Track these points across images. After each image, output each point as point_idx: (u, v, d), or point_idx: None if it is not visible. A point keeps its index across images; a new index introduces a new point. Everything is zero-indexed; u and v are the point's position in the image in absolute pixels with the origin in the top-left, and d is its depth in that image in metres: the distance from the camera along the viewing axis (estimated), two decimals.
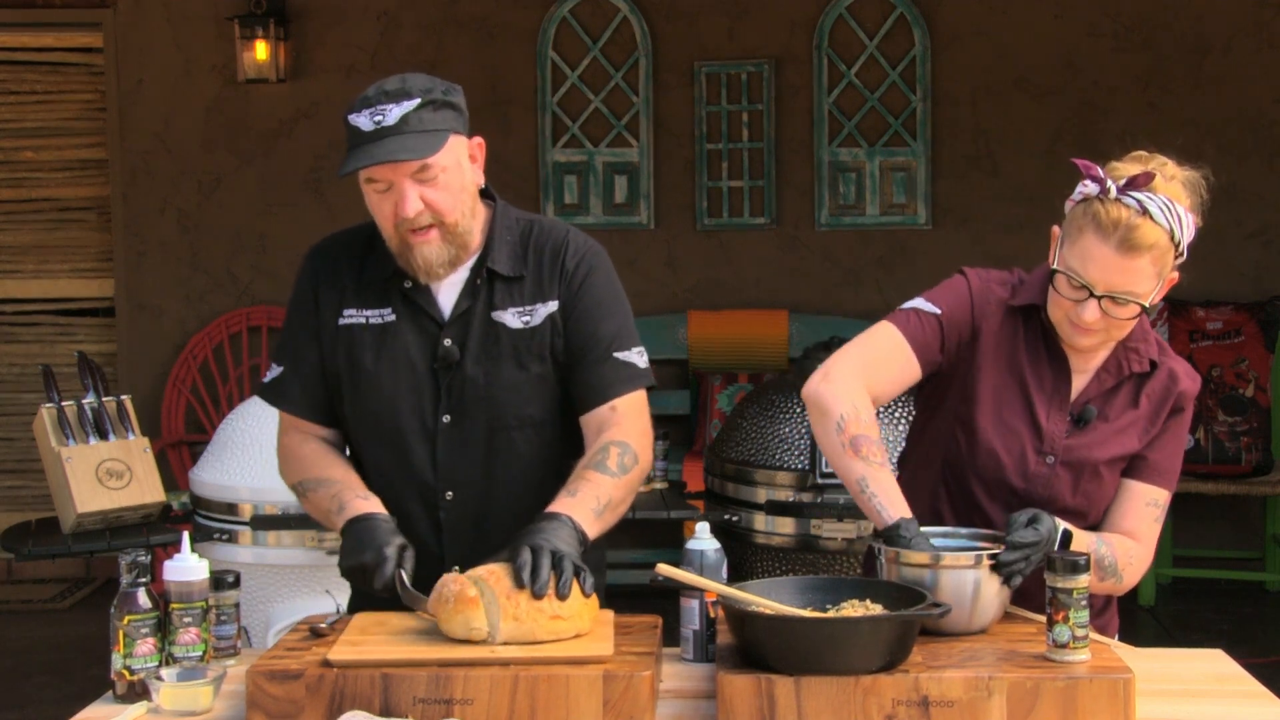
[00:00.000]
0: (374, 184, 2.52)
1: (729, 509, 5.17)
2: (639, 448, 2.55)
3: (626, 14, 6.99)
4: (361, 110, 2.48)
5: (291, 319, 2.69)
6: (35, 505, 7.02)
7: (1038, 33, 6.90)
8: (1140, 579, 2.57)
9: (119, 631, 2.28)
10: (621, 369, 2.59)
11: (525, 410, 2.60)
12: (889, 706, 2.07)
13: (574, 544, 2.34)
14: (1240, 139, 6.84)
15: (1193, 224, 2.47)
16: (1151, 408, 2.57)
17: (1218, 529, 6.83)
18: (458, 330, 2.59)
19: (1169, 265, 2.46)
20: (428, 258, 2.53)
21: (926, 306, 2.57)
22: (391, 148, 2.45)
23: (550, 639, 2.23)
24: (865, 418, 2.48)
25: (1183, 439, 2.60)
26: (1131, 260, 2.41)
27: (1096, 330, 2.47)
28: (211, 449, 4.51)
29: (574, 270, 2.61)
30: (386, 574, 2.36)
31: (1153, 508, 2.58)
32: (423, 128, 2.47)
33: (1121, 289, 2.42)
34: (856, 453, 2.45)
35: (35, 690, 5.43)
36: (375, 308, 2.62)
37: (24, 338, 7.41)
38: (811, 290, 6.98)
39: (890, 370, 2.54)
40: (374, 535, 2.43)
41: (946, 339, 2.56)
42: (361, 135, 2.48)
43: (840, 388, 2.49)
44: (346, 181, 2.58)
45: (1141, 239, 2.40)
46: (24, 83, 7.35)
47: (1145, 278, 2.42)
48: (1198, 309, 6.50)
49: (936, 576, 2.31)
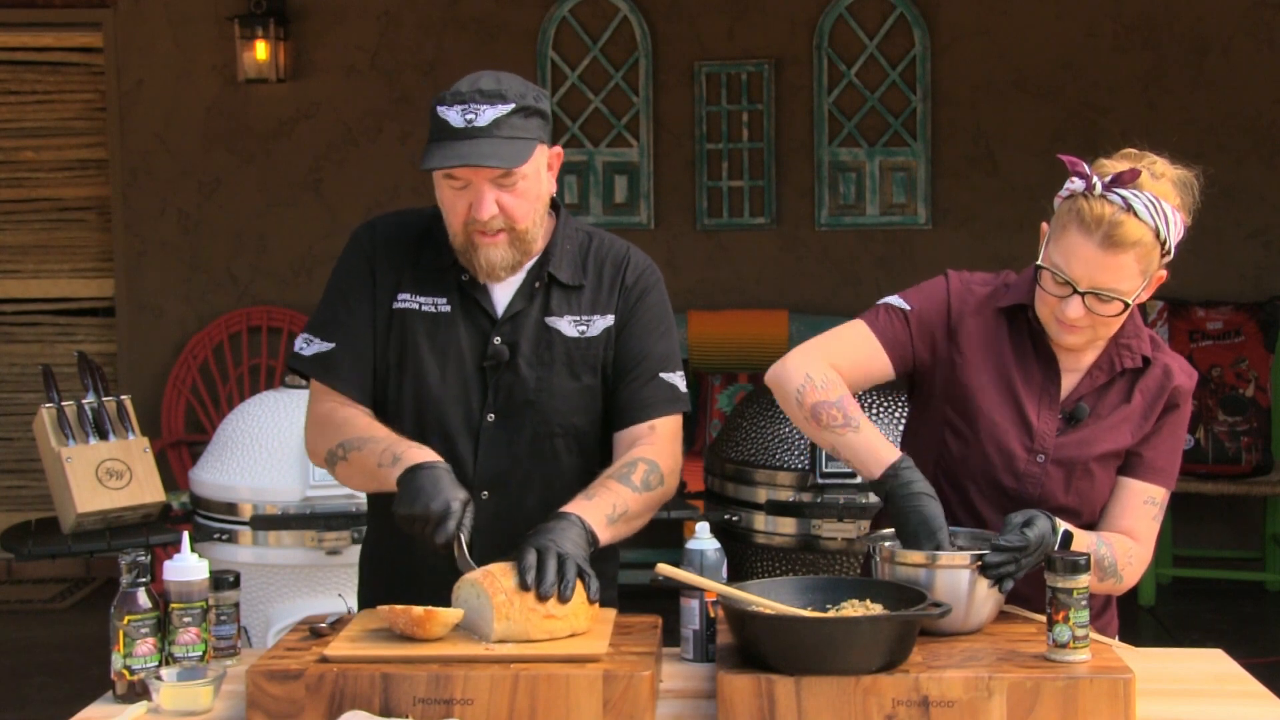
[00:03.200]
0: (452, 180, 2.48)
1: (729, 509, 5.17)
2: (666, 470, 2.55)
3: (626, 14, 6.99)
4: (453, 105, 2.45)
5: (343, 292, 2.61)
6: (35, 505, 7.02)
7: (1038, 33, 6.90)
8: (1140, 578, 2.57)
9: (119, 631, 2.28)
10: (665, 390, 2.60)
11: (571, 419, 2.59)
12: (889, 706, 2.07)
13: (582, 545, 2.34)
14: (1240, 139, 6.84)
15: (1181, 223, 2.45)
16: (1145, 403, 2.56)
17: (1218, 529, 6.83)
18: (509, 330, 2.57)
19: (1155, 263, 2.45)
20: (491, 260, 2.51)
21: (897, 302, 2.58)
22: (483, 151, 2.42)
23: (544, 638, 2.23)
24: (821, 381, 2.49)
25: (1180, 436, 2.59)
26: (1114, 257, 2.40)
27: (1082, 328, 2.47)
28: (211, 449, 4.51)
29: (633, 287, 2.62)
30: (450, 529, 2.30)
31: (1150, 505, 2.57)
32: (513, 134, 2.45)
33: (1105, 286, 2.41)
34: (819, 422, 2.48)
35: (35, 690, 5.43)
36: (431, 296, 2.58)
37: (24, 338, 7.41)
38: (811, 290, 6.98)
39: (853, 354, 2.55)
40: (439, 485, 2.34)
41: (916, 335, 2.56)
42: (449, 130, 2.45)
43: (793, 363, 2.53)
44: (346, 181, 2.58)
45: (1125, 236, 2.39)
46: (24, 83, 7.35)
47: (1129, 275, 2.41)
48: (1198, 309, 6.50)
49: (931, 576, 2.31)
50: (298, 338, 2.67)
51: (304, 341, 2.61)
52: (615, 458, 2.57)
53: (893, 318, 2.57)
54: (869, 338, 2.56)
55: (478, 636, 2.25)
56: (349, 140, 7.00)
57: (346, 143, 7.00)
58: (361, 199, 6.89)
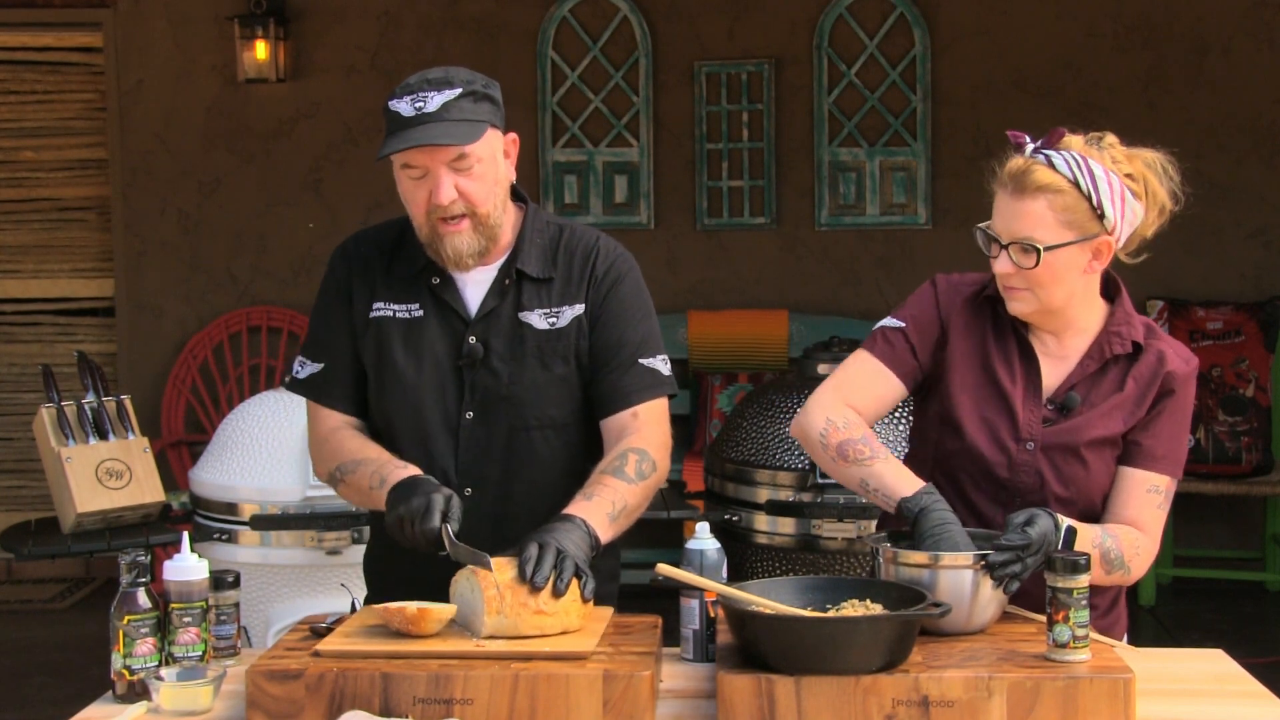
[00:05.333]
0: (410, 170, 2.52)
1: (729, 509, 5.17)
2: (658, 456, 2.57)
3: (626, 14, 6.99)
4: (403, 97, 2.50)
5: (325, 314, 2.69)
6: (35, 505, 7.02)
7: (1038, 33, 6.90)
8: (1148, 569, 2.57)
9: (119, 631, 2.28)
10: (645, 375, 2.63)
11: (547, 411, 2.62)
12: (889, 706, 2.08)
13: (584, 547, 2.36)
14: (1240, 139, 6.84)
15: (1120, 187, 2.47)
16: (1138, 390, 2.56)
17: (1218, 529, 6.83)
18: (483, 329, 2.60)
19: (1083, 219, 2.46)
20: (458, 247, 2.54)
21: (892, 323, 2.64)
22: (433, 132, 2.47)
23: (534, 633, 2.24)
24: (842, 423, 2.54)
25: (1180, 422, 2.58)
26: (1024, 202, 2.46)
27: (1020, 289, 2.50)
28: (211, 449, 4.51)
29: (603, 276, 2.64)
30: (435, 519, 2.34)
31: (1154, 494, 2.56)
32: (463, 116, 2.49)
33: (1022, 235, 2.46)
34: (846, 459, 2.52)
35: (35, 690, 5.43)
36: (404, 302, 2.63)
37: (24, 338, 7.41)
38: (811, 290, 6.98)
39: (866, 387, 2.60)
40: (420, 486, 2.41)
41: (917, 346, 2.61)
42: (401, 120, 2.49)
43: (813, 409, 2.57)
44: (346, 181, 2.60)
45: (1033, 180, 2.46)
46: (24, 83, 7.35)
47: (1045, 223, 2.46)
48: (1198, 309, 6.51)
49: (935, 576, 2.31)
50: (295, 360, 2.75)
51: (299, 364, 2.71)
52: (605, 447, 2.61)
53: (892, 339, 2.62)
54: (876, 366, 2.61)
55: (470, 632, 2.26)
56: (349, 140, 7.00)
57: (346, 143, 7.00)
58: (361, 199, 6.89)
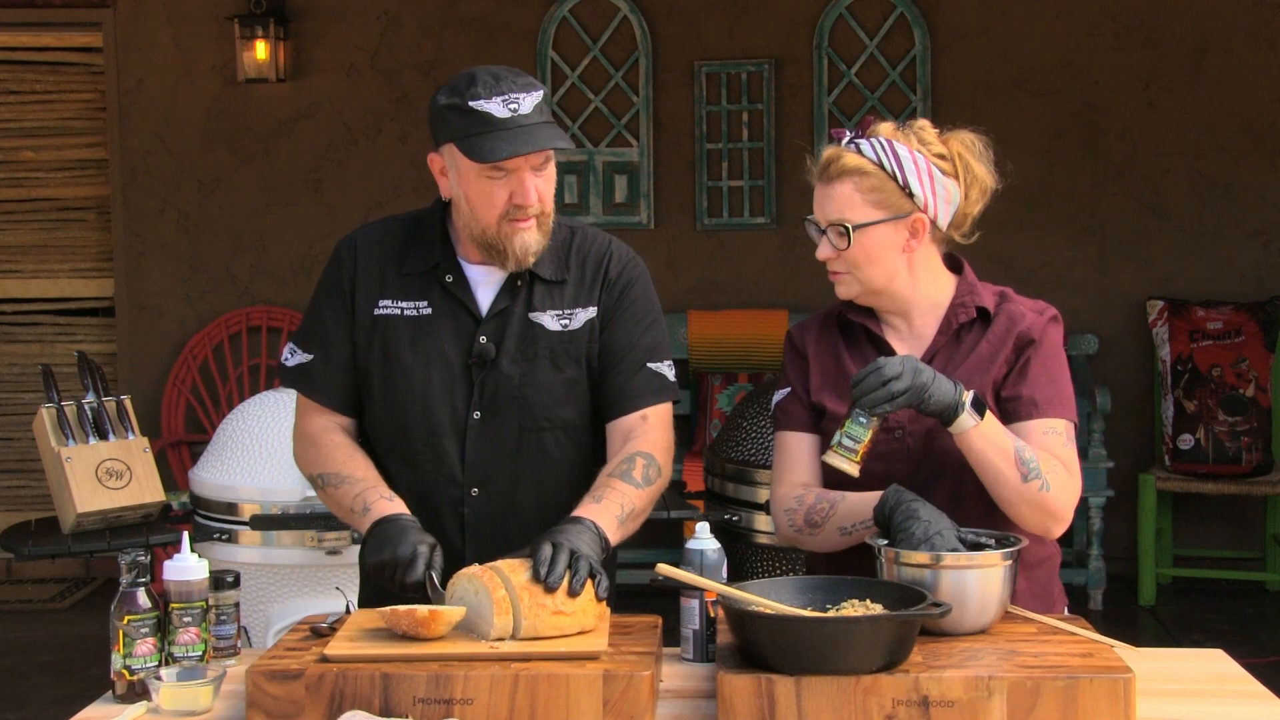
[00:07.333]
0: (496, 171, 2.51)
1: (729, 509, 5.16)
2: (663, 461, 2.60)
3: (626, 14, 6.99)
4: (492, 97, 2.48)
5: (321, 305, 2.68)
6: (35, 505, 7.02)
7: (1038, 33, 6.90)
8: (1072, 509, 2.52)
9: (119, 631, 2.28)
10: (654, 380, 2.65)
11: (557, 412, 2.63)
12: (889, 706, 2.08)
13: (595, 548, 2.38)
14: (1240, 139, 6.83)
15: (928, 166, 2.57)
16: (991, 349, 2.60)
17: (1218, 529, 6.82)
18: (494, 328, 2.60)
19: (890, 197, 2.56)
20: (526, 244, 2.55)
21: (780, 394, 2.71)
22: (540, 137, 2.48)
23: (554, 634, 2.24)
24: (796, 503, 2.60)
25: (1053, 368, 2.59)
26: (833, 186, 2.57)
27: (840, 273, 2.62)
28: (211, 449, 4.51)
29: (616, 279, 2.66)
30: (418, 571, 2.36)
31: (1053, 435, 2.55)
32: (549, 118, 2.52)
33: (834, 217, 2.57)
34: (816, 525, 2.58)
35: (35, 690, 5.43)
36: (412, 300, 2.62)
37: (24, 338, 7.41)
38: (811, 290, 6.97)
39: (798, 459, 2.66)
40: (404, 534, 2.42)
41: (813, 399, 2.65)
42: (496, 122, 2.47)
43: (775, 513, 2.65)
44: (346, 181, 2.60)
45: (840, 166, 2.57)
46: (24, 83, 7.35)
47: (853, 205, 2.56)
48: (1198, 309, 6.50)
49: (936, 576, 2.31)
50: (284, 347, 2.74)
51: (288, 352, 2.70)
52: (610, 448, 2.63)
53: (788, 408, 2.68)
54: (792, 438, 2.67)
55: (476, 635, 2.26)
56: (349, 140, 7.00)
57: (346, 142, 7.00)
58: (361, 199, 6.89)
